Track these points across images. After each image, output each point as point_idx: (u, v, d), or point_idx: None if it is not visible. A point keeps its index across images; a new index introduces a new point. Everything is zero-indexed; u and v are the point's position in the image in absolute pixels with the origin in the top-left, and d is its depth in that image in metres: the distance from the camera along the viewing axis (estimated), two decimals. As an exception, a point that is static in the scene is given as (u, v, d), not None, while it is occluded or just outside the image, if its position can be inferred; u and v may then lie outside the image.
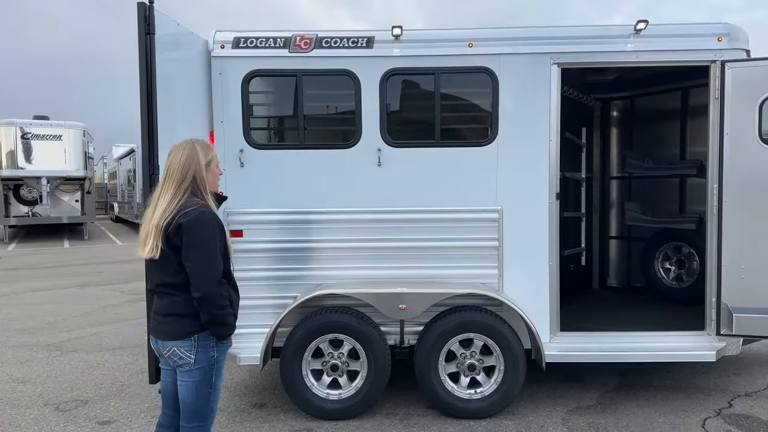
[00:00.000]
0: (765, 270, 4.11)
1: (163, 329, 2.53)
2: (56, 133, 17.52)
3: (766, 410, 4.28)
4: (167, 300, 2.53)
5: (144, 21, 3.47)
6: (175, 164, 2.55)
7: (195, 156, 2.57)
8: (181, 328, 2.51)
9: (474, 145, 4.34)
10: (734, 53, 4.20)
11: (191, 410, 2.57)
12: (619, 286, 6.79)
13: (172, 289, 2.51)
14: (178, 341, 2.50)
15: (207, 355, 2.54)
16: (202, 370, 2.53)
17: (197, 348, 2.51)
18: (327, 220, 4.32)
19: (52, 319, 7.58)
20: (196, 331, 2.51)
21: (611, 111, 6.82)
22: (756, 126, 4.09)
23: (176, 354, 2.51)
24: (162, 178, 2.60)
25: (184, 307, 2.50)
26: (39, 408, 4.50)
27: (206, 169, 2.61)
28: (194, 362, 2.51)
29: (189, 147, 2.59)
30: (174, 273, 2.48)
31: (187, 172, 2.54)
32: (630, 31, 4.24)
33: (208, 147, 2.70)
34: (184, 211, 2.45)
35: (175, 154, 2.58)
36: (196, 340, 2.51)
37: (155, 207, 2.52)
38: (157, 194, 2.56)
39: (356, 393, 4.11)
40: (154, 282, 2.55)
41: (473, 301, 4.20)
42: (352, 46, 4.25)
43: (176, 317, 2.51)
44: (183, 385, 2.56)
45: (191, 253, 2.43)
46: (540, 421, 4.11)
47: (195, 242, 2.43)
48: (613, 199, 6.83)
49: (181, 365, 2.53)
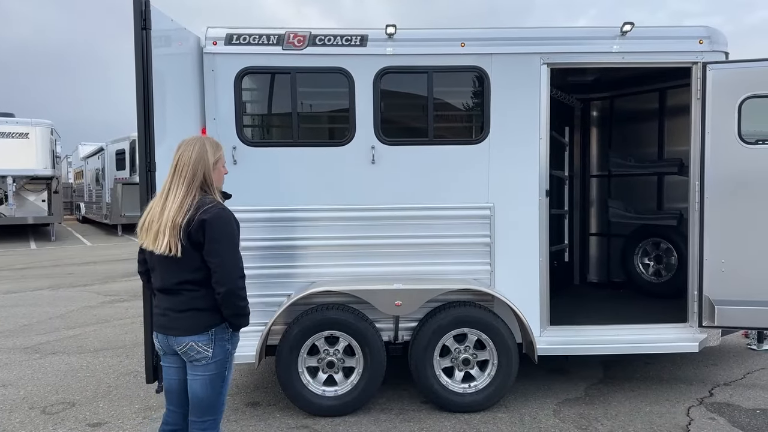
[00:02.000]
0: (745, 263, 4.29)
1: (180, 325, 2.52)
2: (22, 130, 17.00)
3: (745, 398, 4.47)
4: (186, 296, 2.52)
5: (140, 16, 3.42)
6: (185, 160, 2.54)
7: (204, 154, 2.57)
8: (200, 322, 2.52)
9: (466, 143, 4.41)
10: (715, 55, 4.36)
11: (204, 405, 2.58)
12: (599, 281, 6.97)
13: (192, 285, 2.51)
14: (197, 335, 2.51)
15: (223, 348, 2.57)
16: (218, 363, 2.56)
17: (215, 342, 2.54)
18: (321, 217, 4.33)
19: (27, 322, 7.38)
20: (213, 325, 2.54)
21: (591, 111, 6.99)
22: (735, 126, 4.26)
23: (193, 348, 2.52)
24: (170, 173, 2.57)
25: (203, 301, 2.51)
26: (24, 411, 4.39)
27: (213, 168, 2.61)
28: (212, 356, 2.54)
29: (199, 144, 2.58)
30: (195, 269, 2.48)
31: (197, 169, 2.54)
32: (616, 33, 4.36)
33: (218, 146, 2.68)
34: (203, 209, 2.45)
35: (185, 150, 2.56)
36: (213, 333, 2.54)
37: (164, 203, 2.50)
38: (165, 189, 2.54)
39: (352, 389, 4.14)
40: (173, 280, 2.52)
41: (466, 296, 4.27)
42: (345, 44, 4.27)
43: (195, 312, 2.52)
44: (197, 379, 2.56)
45: (215, 249, 2.44)
46: (532, 413, 4.20)
47: (219, 238, 2.44)
48: (593, 197, 7.01)
49: (198, 359, 2.53)
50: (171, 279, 2.53)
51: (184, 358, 2.58)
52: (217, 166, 2.65)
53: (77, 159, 28.15)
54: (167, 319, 2.56)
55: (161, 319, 2.60)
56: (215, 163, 2.62)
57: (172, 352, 2.62)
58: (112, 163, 20.02)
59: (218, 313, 2.54)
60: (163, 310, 2.58)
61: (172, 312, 2.55)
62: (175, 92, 4.02)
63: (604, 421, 4.08)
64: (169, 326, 2.56)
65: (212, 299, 2.52)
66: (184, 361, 2.61)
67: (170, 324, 2.55)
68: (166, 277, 2.54)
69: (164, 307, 2.58)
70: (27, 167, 17.20)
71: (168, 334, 2.56)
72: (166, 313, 2.57)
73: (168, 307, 2.56)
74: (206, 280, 2.50)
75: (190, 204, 2.47)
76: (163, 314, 2.58)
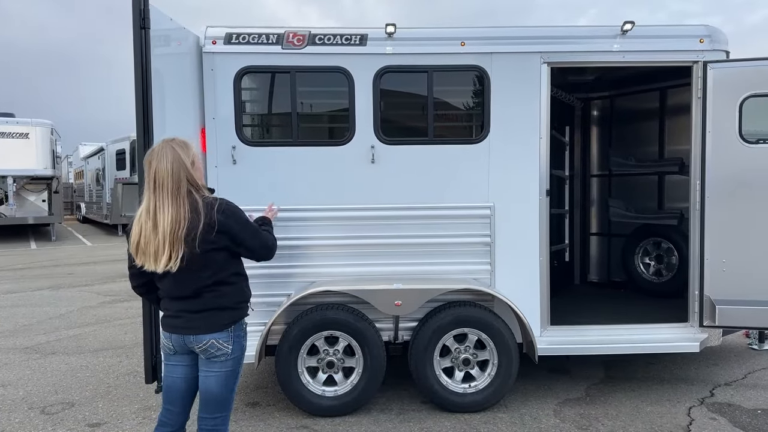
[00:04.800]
0: (745, 263, 4.27)
1: (199, 324, 2.54)
2: (22, 131, 17.00)
3: (746, 398, 4.46)
4: (204, 298, 2.54)
5: (139, 15, 3.41)
6: (162, 173, 2.43)
7: (179, 158, 2.47)
8: (221, 319, 2.56)
9: (466, 142, 4.39)
10: (715, 54, 4.35)
11: (217, 401, 2.60)
12: (599, 281, 6.96)
13: (214, 286, 2.54)
14: (217, 333, 2.55)
15: (240, 344, 2.64)
16: (236, 359, 2.62)
17: (233, 338, 2.59)
18: (320, 217, 4.32)
19: (27, 322, 7.37)
20: (233, 322, 2.60)
21: (592, 110, 6.98)
22: (736, 125, 4.25)
23: (214, 346, 2.54)
24: (150, 189, 2.45)
25: (224, 300, 2.57)
26: (24, 411, 4.38)
27: (192, 168, 2.54)
28: (230, 352, 2.58)
29: (170, 151, 2.47)
30: (213, 274, 2.52)
31: (179, 177, 2.45)
32: (617, 32, 4.35)
33: (187, 145, 2.57)
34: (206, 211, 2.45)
35: (158, 162, 2.45)
36: (232, 330, 2.59)
37: (155, 220, 2.40)
38: (150, 206, 2.43)
39: (352, 389, 4.13)
40: (189, 289, 2.51)
41: (466, 296, 4.25)
42: (345, 44, 4.26)
43: (216, 311, 2.56)
44: (213, 376, 2.58)
45: (242, 235, 2.58)
46: (533, 413, 4.19)
47: (241, 224, 2.58)
48: (593, 197, 6.99)
49: (218, 356, 2.56)
50: (186, 288, 2.52)
51: (202, 356, 2.58)
52: (195, 164, 2.57)
53: (78, 159, 28.16)
54: (183, 320, 2.55)
55: (175, 320, 2.57)
56: (193, 163, 2.55)
57: (186, 351, 2.61)
58: (112, 163, 20.03)
59: (235, 310, 2.61)
60: (177, 312, 2.57)
61: (188, 313, 2.54)
62: (175, 92, 4.01)
63: (604, 421, 4.07)
64: (185, 326, 2.55)
65: (230, 297, 2.59)
66: (196, 360, 2.63)
67: (187, 324, 2.54)
68: (180, 287, 2.52)
69: (177, 309, 2.56)
70: (27, 167, 17.21)
71: (185, 333, 2.55)
72: (180, 314, 2.56)
73: (182, 309, 2.55)
74: (223, 281, 2.55)
75: (187, 212, 2.42)
76: (177, 316, 2.57)
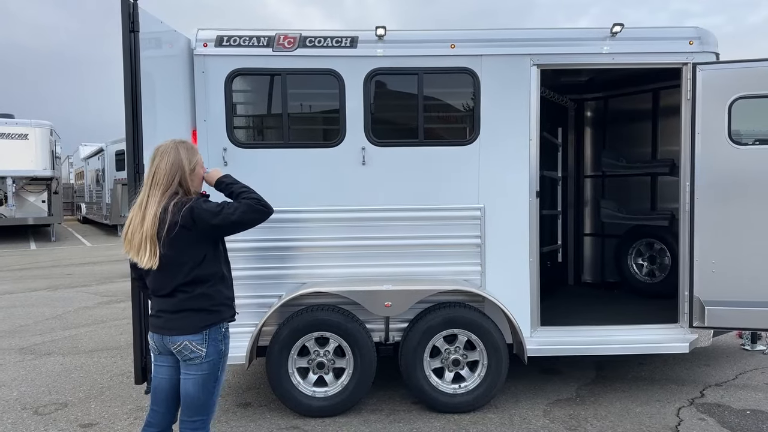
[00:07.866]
0: (735, 264, 4.29)
1: (175, 325, 2.56)
2: (22, 131, 17.04)
3: (736, 399, 4.47)
4: (179, 298, 2.56)
5: (128, 19, 3.43)
6: (162, 170, 2.53)
7: (180, 161, 2.56)
8: (194, 322, 2.56)
9: (456, 144, 4.41)
10: (705, 56, 4.36)
11: (196, 405, 2.61)
12: (593, 281, 6.98)
13: (187, 287, 2.55)
14: (191, 335, 2.55)
15: (217, 348, 2.62)
16: (211, 363, 2.60)
17: (208, 341, 2.58)
18: (311, 218, 4.34)
19: (23, 323, 7.40)
20: (208, 326, 2.58)
21: (585, 111, 7.00)
22: (725, 126, 4.26)
23: (188, 348, 2.55)
24: (148, 183, 2.55)
25: (198, 302, 2.57)
26: (17, 412, 4.41)
27: (191, 173, 2.60)
28: (205, 355, 2.57)
29: (174, 152, 2.56)
30: (188, 271, 2.53)
31: (173, 178, 2.53)
32: (606, 33, 4.37)
33: (193, 150, 2.66)
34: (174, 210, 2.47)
35: (160, 159, 2.55)
36: (207, 334, 2.58)
37: (144, 213, 2.48)
38: (144, 199, 2.52)
39: (342, 390, 4.15)
40: (167, 287, 2.55)
41: (456, 297, 4.27)
42: (336, 46, 4.28)
43: (190, 312, 2.56)
44: (189, 379, 2.59)
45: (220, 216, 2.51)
46: (522, 414, 4.21)
47: (211, 209, 2.52)
48: (587, 198, 7.01)
49: (192, 359, 2.57)
50: (165, 286, 2.56)
51: (178, 357, 2.61)
52: (196, 170, 2.64)
53: (78, 159, 28.20)
54: (162, 320, 2.60)
55: (156, 320, 2.63)
56: (193, 170, 2.61)
57: (168, 352, 2.65)
58: (112, 164, 20.05)
59: (212, 313, 2.60)
60: (157, 312, 2.63)
61: (166, 313, 2.58)
62: (166, 94, 4.03)
63: (593, 421, 4.09)
64: (164, 326, 2.59)
65: (205, 299, 2.58)
66: (179, 362, 2.64)
67: (165, 324, 2.58)
68: (159, 284, 2.57)
69: (158, 309, 2.62)
70: (27, 168, 17.26)
71: (163, 334, 2.59)
72: (159, 314, 2.61)
73: (162, 308, 2.60)
74: (198, 281, 2.55)
75: (162, 212, 2.47)
76: (157, 315, 2.62)
